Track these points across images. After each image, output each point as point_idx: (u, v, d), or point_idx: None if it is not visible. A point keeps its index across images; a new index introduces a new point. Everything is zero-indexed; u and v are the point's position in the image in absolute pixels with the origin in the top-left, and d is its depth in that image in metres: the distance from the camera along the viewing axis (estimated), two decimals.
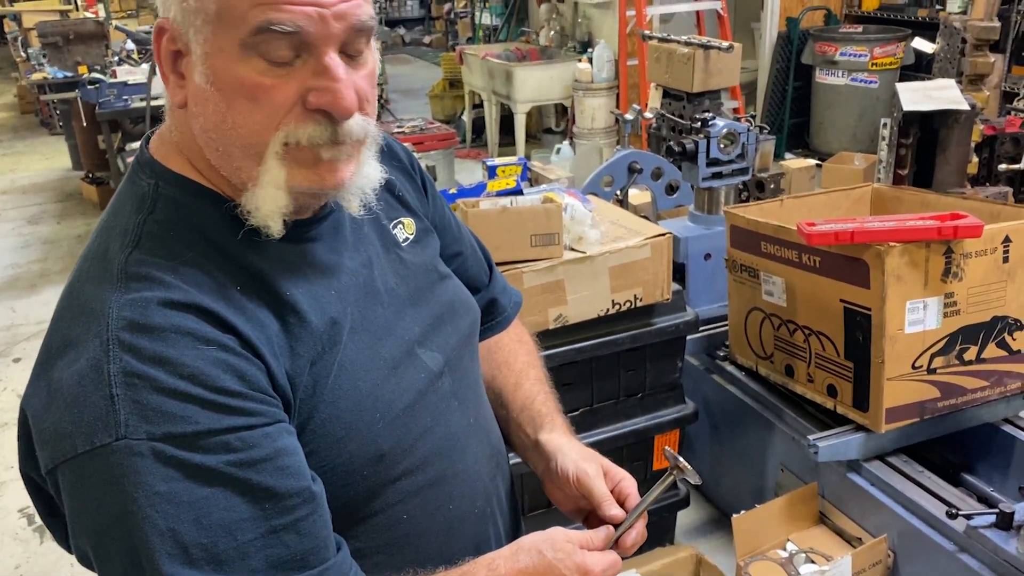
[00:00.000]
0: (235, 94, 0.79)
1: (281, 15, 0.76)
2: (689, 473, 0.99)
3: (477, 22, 8.96)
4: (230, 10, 0.77)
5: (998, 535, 1.83)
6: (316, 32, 0.78)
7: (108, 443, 0.73)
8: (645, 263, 2.14)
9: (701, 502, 2.81)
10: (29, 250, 5.66)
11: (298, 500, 0.79)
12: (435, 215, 1.12)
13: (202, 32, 0.79)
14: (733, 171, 3.01)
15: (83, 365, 0.75)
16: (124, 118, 5.32)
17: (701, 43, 3.28)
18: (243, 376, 0.78)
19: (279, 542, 0.78)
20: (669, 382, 2.36)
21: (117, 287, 0.78)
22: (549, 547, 0.93)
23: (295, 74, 0.79)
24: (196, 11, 0.78)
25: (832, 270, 2.11)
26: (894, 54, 5.79)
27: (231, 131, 0.81)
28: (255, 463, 0.77)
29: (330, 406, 0.86)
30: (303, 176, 0.83)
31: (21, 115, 9.86)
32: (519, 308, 1.26)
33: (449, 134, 5.54)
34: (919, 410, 2.11)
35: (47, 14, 8.06)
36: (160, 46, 0.83)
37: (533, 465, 1.14)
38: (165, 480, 0.73)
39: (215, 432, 0.76)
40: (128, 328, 0.76)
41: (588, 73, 5.94)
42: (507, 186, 2.21)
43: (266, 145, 0.81)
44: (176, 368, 0.75)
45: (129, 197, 0.87)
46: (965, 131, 2.99)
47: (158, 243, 0.82)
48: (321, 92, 0.79)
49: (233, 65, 0.78)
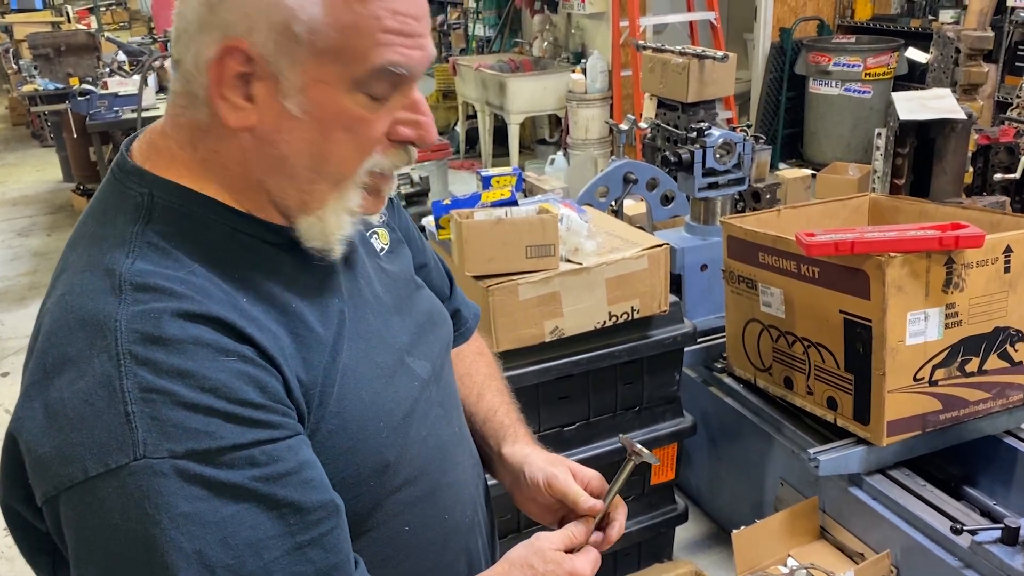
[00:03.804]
0: (334, 125, 0.81)
1: (400, 58, 0.79)
2: (646, 455, 1.02)
3: (470, 33, 8.96)
4: (350, 48, 0.78)
5: (1003, 551, 1.80)
6: (417, 74, 0.82)
7: (125, 464, 0.69)
8: (642, 274, 2.11)
9: (700, 517, 2.77)
10: (19, 262, 5.61)
11: (323, 514, 0.77)
12: (402, 227, 1.12)
13: (304, 64, 0.78)
14: (729, 181, 2.99)
15: (89, 383, 0.71)
16: (115, 129, 5.28)
17: (696, 53, 3.26)
18: (264, 387, 0.76)
19: (305, 558, 0.76)
20: (667, 395, 2.33)
21: (122, 299, 0.74)
22: (540, 560, 0.93)
23: (389, 108, 0.83)
24: (302, 43, 0.77)
25: (832, 281, 2.08)
26: (887, 64, 5.80)
27: (317, 158, 0.82)
28: (280, 477, 0.75)
29: (336, 416, 0.84)
30: (367, 204, 0.87)
31: (12, 127, 9.81)
32: (478, 320, 1.26)
33: (443, 145, 5.51)
34: (921, 423, 2.08)
35: (38, 26, 8.02)
36: (223, 65, 0.78)
37: (500, 479, 1.13)
38: (190, 500, 0.70)
39: (240, 446, 0.73)
40: (141, 341, 0.72)
41: (582, 84, 5.93)
42: (502, 197, 2.17)
43: (353, 174, 0.84)
44: (196, 381, 0.72)
45: (119, 207, 0.83)
46: (962, 140, 2.98)
47: (161, 253, 0.79)
48: (412, 125, 0.84)
49: (338, 97, 0.80)
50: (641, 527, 2.39)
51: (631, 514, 2.36)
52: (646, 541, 2.44)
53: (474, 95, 6.95)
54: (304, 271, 0.88)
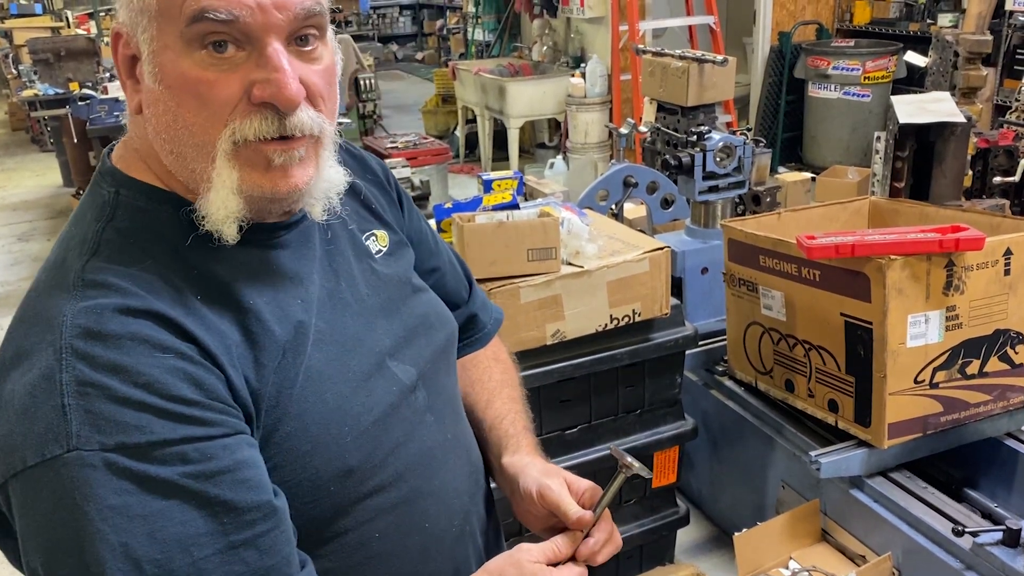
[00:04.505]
0: (182, 91, 0.78)
1: (216, 2, 0.75)
2: (637, 468, 0.98)
3: (470, 38, 8.97)
4: (168, 3, 0.76)
5: (1005, 552, 1.80)
6: (255, 22, 0.77)
7: (59, 455, 0.70)
8: (643, 277, 2.11)
9: (701, 520, 2.77)
10: (19, 267, 5.61)
11: (258, 515, 0.76)
12: (411, 230, 1.11)
13: (148, 31, 0.78)
14: (729, 184, 2.99)
15: (35, 375, 0.73)
16: (115, 134, 5.28)
17: (695, 57, 3.27)
18: (201, 385, 0.76)
19: (238, 558, 0.75)
20: (668, 398, 2.33)
21: (73, 295, 0.76)
22: (516, 571, 0.90)
23: (239, 68, 0.78)
24: (141, 10, 0.78)
25: (832, 284, 2.08)
26: (886, 68, 5.81)
27: (182, 130, 0.79)
28: (213, 475, 0.74)
29: (295, 419, 0.83)
30: (255, 180, 0.81)
31: (12, 132, 9.81)
32: (499, 325, 1.24)
33: (443, 149, 5.52)
34: (922, 425, 2.08)
35: (38, 31, 8.04)
36: (117, 52, 0.82)
37: (501, 488, 1.12)
38: (118, 493, 0.70)
39: (171, 442, 0.73)
40: (82, 336, 0.73)
41: (581, 88, 5.94)
42: (503, 200, 2.18)
43: (215, 144, 0.79)
44: (131, 376, 0.73)
45: (90, 206, 0.85)
46: (961, 144, 2.98)
47: (117, 250, 0.80)
48: (264, 84, 0.78)
49: (178, 60, 0.77)
50: (643, 530, 2.39)
51: (632, 517, 2.38)
52: (647, 544, 2.44)
53: (474, 99, 6.96)
54: (269, 268, 0.87)
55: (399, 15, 14.30)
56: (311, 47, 0.82)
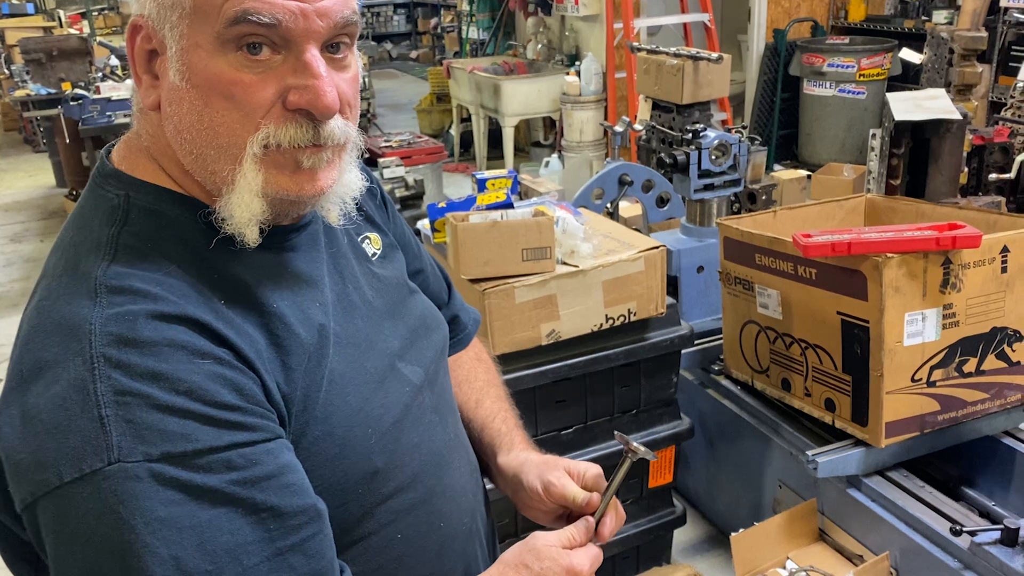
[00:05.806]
0: (212, 91, 0.76)
1: (259, 4, 0.74)
2: (643, 452, 1.02)
3: (464, 36, 8.95)
4: (205, 2, 0.74)
5: (1003, 551, 1.79)
6: (297, 27, 0.76)
7: (99, 468, 0.68)
8: (639, 276, 2.10)
9: (698, 520, 2.76)
10: (12, 268, 5.58)
11: (304, 519, 0.76)
12: (396, 232, 1.11)
13: (178, 27, 0.76)
14: (725, 183, 2.98)
15: (64, 387, 0.70)
16: (108, 134, 5.26)
17: (690, 54, 3.26)
18: (241, 390, 0.75)
19: (286, 564, 0.74)
20: (664, 397, 2.32)
21: (97, 302, 0.73)
22: (534, 558, 0.91)
23: (275, 72, 0.77)
24: (172, 6, 0.76)
25: (829, 282, 2.07)
26: (881, 65, 5.80)
27: (207, 131, 0.78)
28: (259, 481, 0.73)
29: (322, 422, 0.82)
30: (282, 182, 0.80)
31: (4, 132, 9.77)
32: (478, 325, 1.25)
33: (437, 148, 5.50)
34: (919, 424, 2.07)
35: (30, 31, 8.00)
36: (134, 45, 0.80)
37: (499, 487, 1.12)
38: (166, 504, 0.68)
39: (217, 449, 0.71)
40: (115, 344, 0.71)
41: (576, 86, 5.93)
42: (497, 199, 2.16)
43: (244, 146, 0.78)
44: (171, 383, 0.71)
45: (96, 210, 0.82)
46: (957, 141, 2.97)
47: (137, 255, 0.77)
48: (302, 90, 0.77)
49: (210, 60, 0.76)
50: (639, 530, 2.38)
51: (628, 517, 2.36)
52: (644, 544, 2.43)
53: (468, 98, 6.94)
54: (287, 271, 0.86)
55: (393, 13, 14.28)
56: (342, 55, 0.81)
